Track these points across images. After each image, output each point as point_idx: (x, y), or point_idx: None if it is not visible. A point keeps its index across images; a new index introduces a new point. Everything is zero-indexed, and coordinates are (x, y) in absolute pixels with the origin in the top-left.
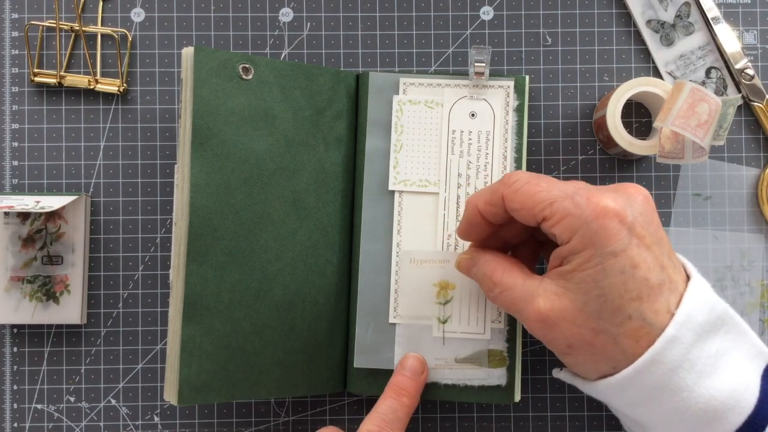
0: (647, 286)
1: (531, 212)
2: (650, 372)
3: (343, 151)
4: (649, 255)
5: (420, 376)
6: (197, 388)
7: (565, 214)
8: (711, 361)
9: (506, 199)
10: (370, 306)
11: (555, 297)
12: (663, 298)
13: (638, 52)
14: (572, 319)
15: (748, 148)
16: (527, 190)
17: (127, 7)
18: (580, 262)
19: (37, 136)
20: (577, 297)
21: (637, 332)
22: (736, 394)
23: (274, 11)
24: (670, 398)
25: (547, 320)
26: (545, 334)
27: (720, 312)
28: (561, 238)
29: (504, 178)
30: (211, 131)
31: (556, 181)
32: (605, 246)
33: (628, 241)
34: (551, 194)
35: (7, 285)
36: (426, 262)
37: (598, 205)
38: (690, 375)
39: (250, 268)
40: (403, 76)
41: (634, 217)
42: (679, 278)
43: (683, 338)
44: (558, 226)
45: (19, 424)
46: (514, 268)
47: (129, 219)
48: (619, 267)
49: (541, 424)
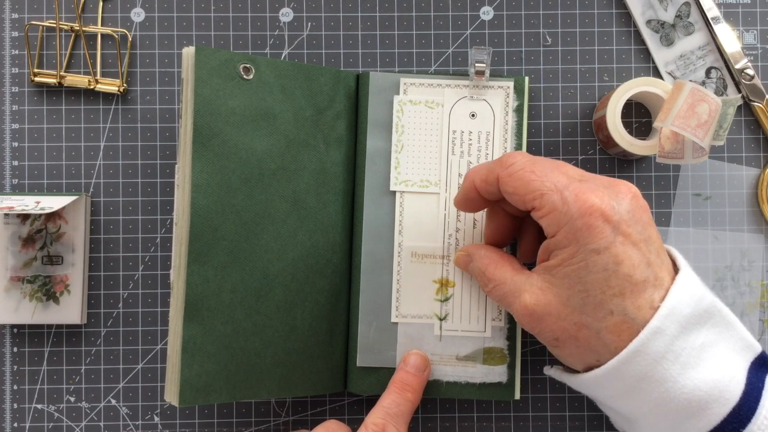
0: (630, 283)
1: (522, 199)
2: (634, 363)
3: (344, 151)
4: (635, 252)
5: (423, 372)
6: (198, 389)
7: (552, 208)
8: (696, 353)
9: (501, 181)
10: (373, 305)
11: (540, 292)
12: (647, 294)
13: (638, 52)
14: (557, 313)
15: (748, 148)
16: (521, 176)
17: (127, 7)
18: (564, 257)
19: (37, 136)
20: (561, 292)
21: (619, 327)
22: (721, 385)
23: (274, 11)
24: (655, 389)
25: (534, 314)
26: (533, 327)
27: (707, 305)
28: (547, 230)
29: (502, 158)
30: (212, 131)
31: (552, 169)
32: (589, 243)
33: (613, 239)
34: (543, 185)
35: (7, 285)
36: (427, 257)
37: (585, 202)
38: (674, 366)
39: (251, 269)
40: (403, 76)
41: (620, 215)
42: (666, 275)
43: (667, 330)
44: (545, 218)
45: (19, 424)
46: (506, 264)
47: (129, 219)
48: (602, 264)
49: (541, 424)
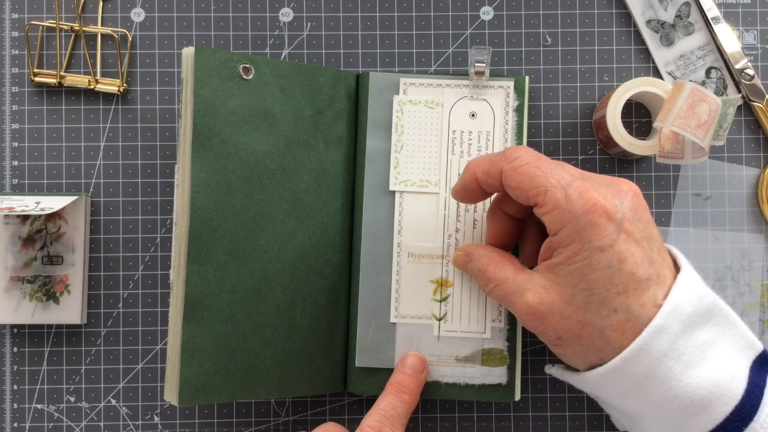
0: (634, 280)
1: (525, 194)
2: (637, 361)
3: (344, 151)
4: (637, 250)
5: (420, 373)
6: (198, 389)
7: (555, 205)
8: (698, 351)
9: (504, 175)
10: (372, 306)
11: (543, 290)
12: (650, 291)
13: (638, 52)
14: (560, 312)
15: (748, 148)
16: (526, 171)
17: (127, 7)
18: (567, 255)
19: (37, 136)
20: (565, 290)
21: (623, 325)
22: (723, 384)
23: (274, 11)
24: (658, 387)
25: (536, 313)
26: (536, 326)
27: (709, 303)
28: (550, 228)
29: (506, 152)
30: (211, 131)
31: (555, 166)
32: (592, 241)
33: (616, 237)
34: (548, 181)
35: (7, 285)
36: (424, 257)
37: (589, 200)
38: (677, 364)
39: (250, 269)
40: (403, 76)
41: (622, 213)
42: (668, 272)
43: (670, 328)
44: (548, 215)
45: (19, 424)
46: (506, 263)
47: (129, 219)
48: (606, 261)
49: (541, 424)
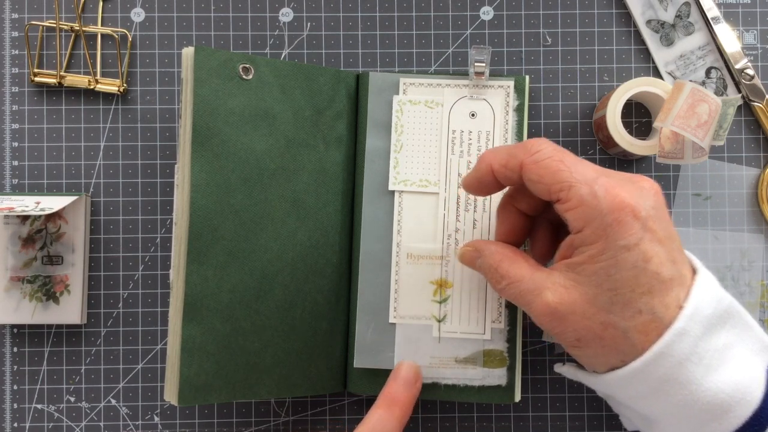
0: (658, 281)
1: (548, 188)
2: (659, 365)
3: (343, 151)
4: (661, 249)
5: (413, 386)
6: (197, 388)
7: (580, 201)
8: (718, 355)
9: (525, 168)
10: (371, 306)
11: (564, 290)
12: (673, 292)
13: (638, 52)
14: (582, 312)
15: (748, 148)
16: (549, 165)
17: (127, 7)
18: (592, 254)
19: (37, 136)
20: (588, 290)
21: (647, 326)
22: (743, 387)
23: (274, 11)
24: (679, 391)
25: (556, 313)
26: (554, 327)
27: (726, 305)
28: (573, 225)
29: (526, 144)
30: (211, 131)
31: (579, 162)
32: (619, 239)
33: (641, 235)
34: (572, 176)
35: (7, 285)
36: (423, 258)
37: (616, 197)
38: (698, 368)
39: (250, 268)
40: (403, 76)
41: (647, 211)
42: (688, 273)
43: (692, 331)
44: (572, 212)
45: (19, 424)
46: (521, 260)
47: (129, 219)
48: (632, 261)
49: (541, 424)
